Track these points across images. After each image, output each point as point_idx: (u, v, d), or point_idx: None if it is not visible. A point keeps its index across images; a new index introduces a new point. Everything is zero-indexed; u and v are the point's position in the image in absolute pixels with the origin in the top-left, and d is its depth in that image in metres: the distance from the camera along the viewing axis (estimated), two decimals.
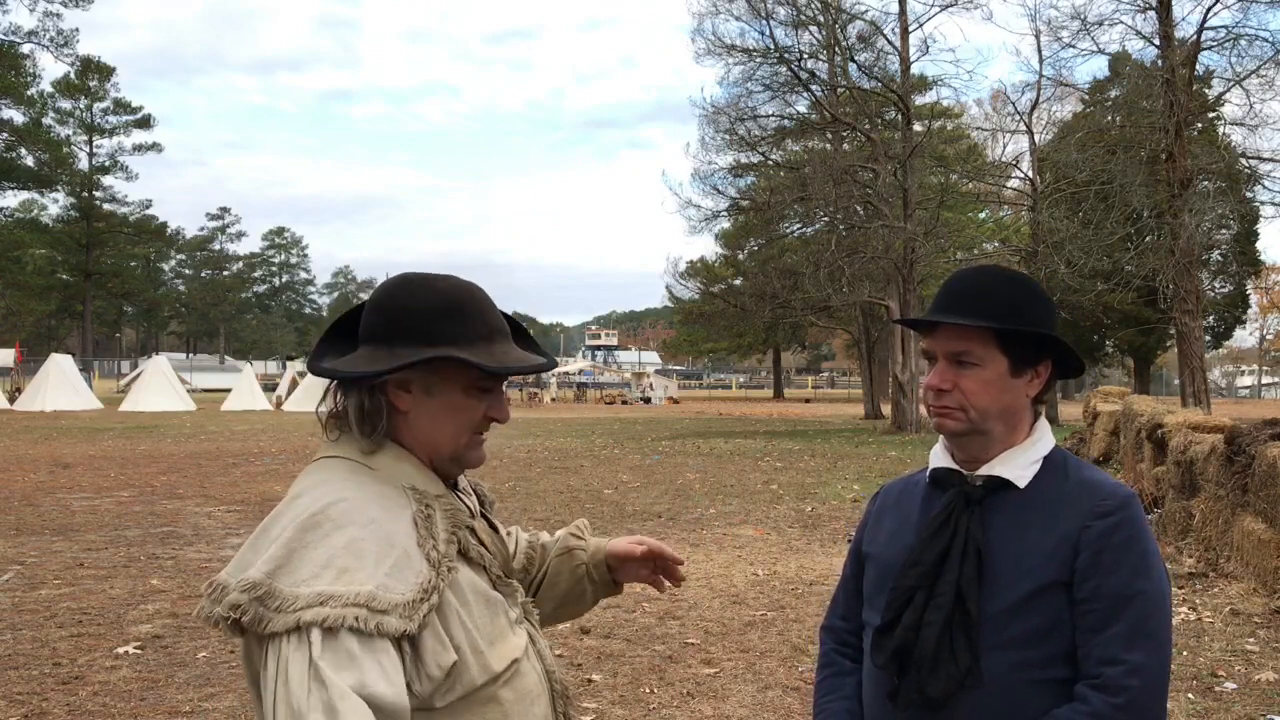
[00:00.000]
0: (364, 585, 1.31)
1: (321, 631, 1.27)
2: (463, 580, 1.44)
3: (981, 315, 1.66)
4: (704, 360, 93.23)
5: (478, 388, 1.51)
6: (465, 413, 1.51)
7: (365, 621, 1.29)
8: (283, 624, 1.28)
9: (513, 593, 1.58)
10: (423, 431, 1.51)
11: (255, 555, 1.35)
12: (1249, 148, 25.53)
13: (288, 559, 1.32)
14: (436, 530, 1.44)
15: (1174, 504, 9.27)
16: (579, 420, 34.31)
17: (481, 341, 1.49)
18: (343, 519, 1.37)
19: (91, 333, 70.31)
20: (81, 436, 23.48)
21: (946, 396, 1.69)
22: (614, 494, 13.26)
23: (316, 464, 1.50)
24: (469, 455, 1.55)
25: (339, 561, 1.32)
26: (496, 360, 1.48)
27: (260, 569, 1.32)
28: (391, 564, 1.35)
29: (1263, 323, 78.48)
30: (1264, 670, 5.47)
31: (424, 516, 1.44)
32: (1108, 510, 1.61)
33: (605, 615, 6.68)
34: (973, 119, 44.73)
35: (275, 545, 1.34)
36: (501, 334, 1.54)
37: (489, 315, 1.53)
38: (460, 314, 1.50)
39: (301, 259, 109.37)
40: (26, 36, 51.23)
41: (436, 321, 1.48)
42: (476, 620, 1.44)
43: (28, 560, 8.48)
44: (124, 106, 65.13)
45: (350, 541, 1.35)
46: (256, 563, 1.33)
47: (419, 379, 1.49)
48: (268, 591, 1.30)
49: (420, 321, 1.48)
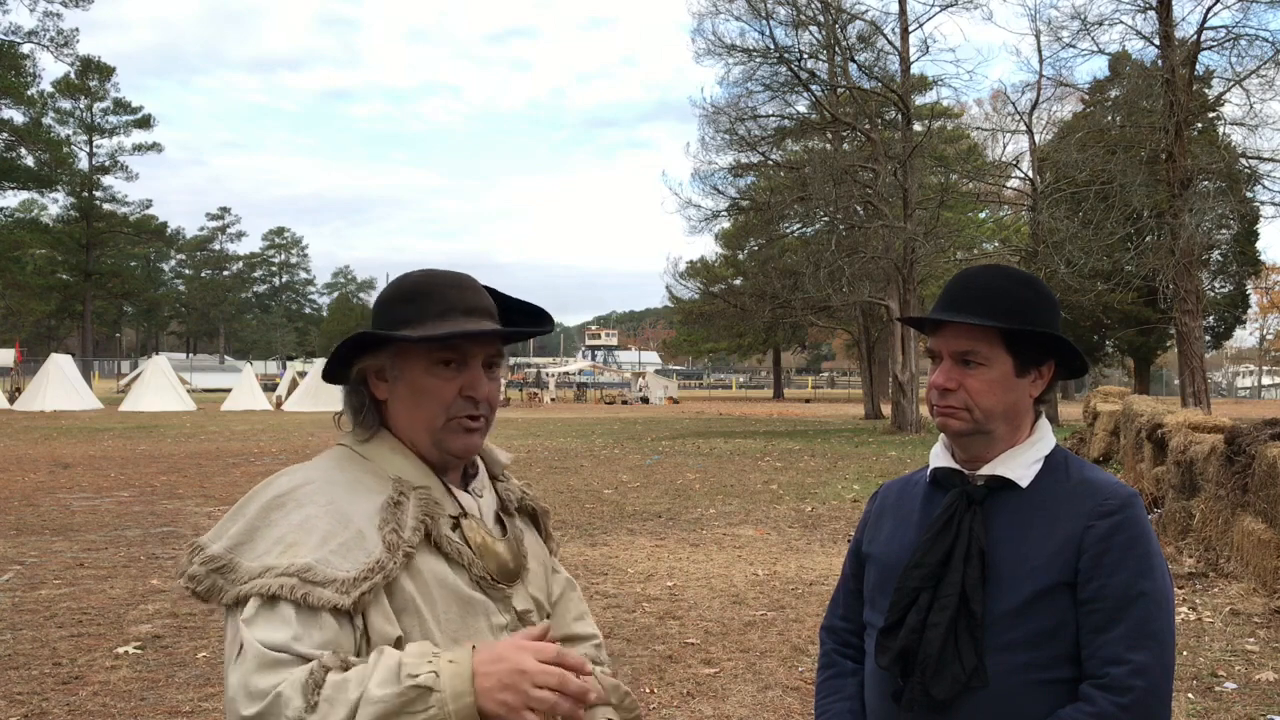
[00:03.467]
0: (302, 558, 1.35)
1: (259, 600, 1.33)
2: (425, 570, 1.43)
3: (988, 315, 1.66)
4: (704, 360, 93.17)
5: (441, 362, 1.49)
6: (432, 393, 1.50)
7: (294, 590, 1.32)
8: (231, 595, 1.35)
9: (504, 599, 1.52)
10: (402, 418, 1.53)
11: (228, 525, 1.43)
12: (1249, 148, 25.54)
13: (249, 536, 1.39)
14: (404, 517, 1.44)
15: (1174, 504, 9.27)
16: (579, 420, 34.29)
17: (434, 319, 1.48)
18: (304, 499, 1.42)
19: (91, 333, 70.28)
20: (81, 436, 23.47)
21: (951, 396, 1.69)
22: (614, 494, 13.26)
23: (326, 450, 1.57)
24: (449, 441, 1.52)
25: (289, 538, 1.38)
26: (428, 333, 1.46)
27: (223, 544, 1.40)
28: (340, 543, 1.38)
29: (1263, 323, 78.53)
30: (1264, 670, 5.47)
31: (393, 503, 1.45)
32: (1110, 510, 1.61)
33: (605, 615, 6.68)
34: (973, 119, 44.78)
35: (242, 521, 1.41)
36: (468, 310, 1.51)
37: (456, 296, 1.51)
38: (418, 298, 1.50)
39: (301, 259, 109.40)
40: (26, 36, 51.22)
41: (395, 308, 1.51)
42: (439, 613, 1.43)
43: (28, 560, 8.47)
44: (124, 106, 65.09)
45: (305, 519, 1.40)
46: (222, 537, 1.41)
47: (388, 366, 1.52)
48: (227, 565, 1.37)
49: (383, 311, 1.53)
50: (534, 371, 61.22)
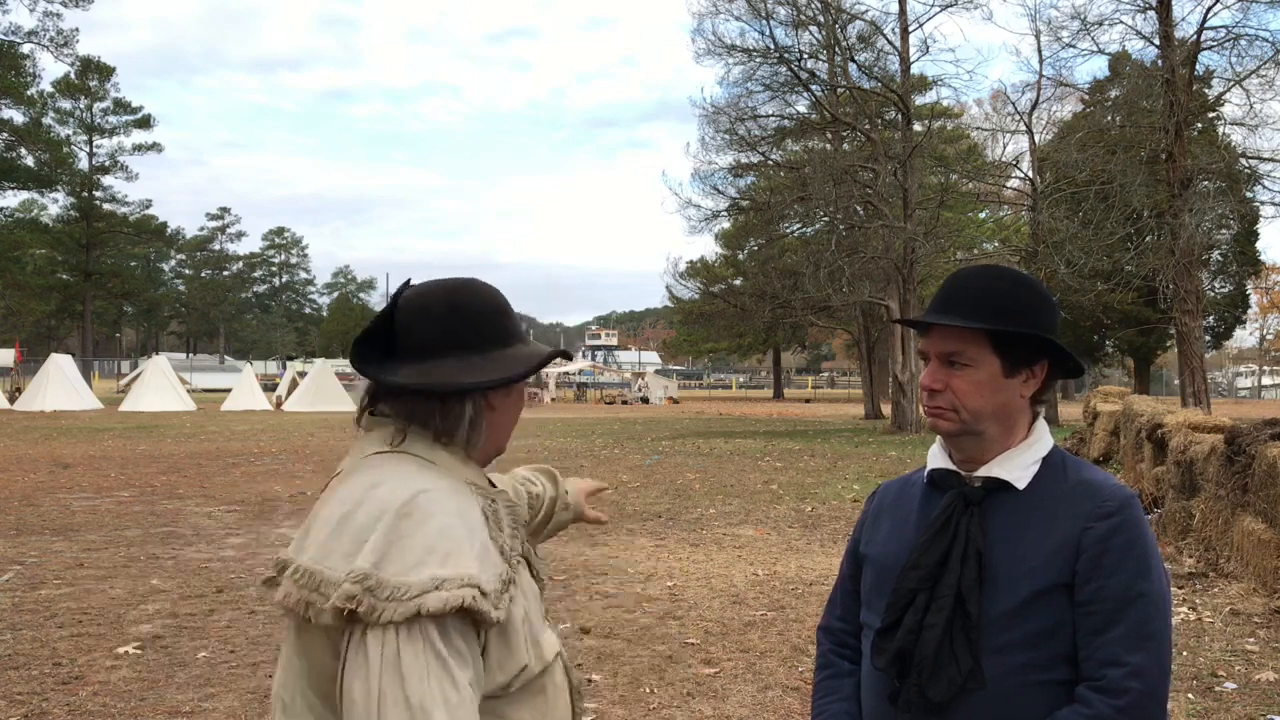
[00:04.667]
0: (469, 568, 1.32)
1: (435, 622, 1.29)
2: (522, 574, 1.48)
3: (975, 316, 1.65)
4: (704, 360, 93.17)
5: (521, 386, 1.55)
6: (516, 414, 1.57)
7: (478, 601, 1.31)
8: (401, 612, 1.28)
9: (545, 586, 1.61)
10: (498, 431, 1.54)
11: (341, 544, 1.35)
12: (1249, 148, 25.55)
13: (388, 548, 1.32)
14: (503, 524, 1.46)
15: (1174, 504, 9.27)
16: (579, 420, 34.30)
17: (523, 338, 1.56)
18: (431, 507, 1.36)
19: (91, 333, 70.28)
20: (81, 436, 23.47)
21: (939, 397, 1.69)
22: (614, 494, 13.25)
23: (376, 458, 1.45)
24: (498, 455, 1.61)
25: (441, 546, 1.33)
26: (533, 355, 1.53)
27: (366, 559, 1.31)
28: (478, 550, 1.37)
29: (1263, 323, 78.51)
30: (1264, 670, 5.47)
31: (491, 510, 1.46)
32: (1109, 511, 1.60)
33: (605, 615, 6.68)
34: (973, 119, 44.78)
35: (375, 535, 1.33)
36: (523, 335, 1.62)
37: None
38: (512, 314, 1.56)
39: (301, 259, 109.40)
40: (26, 36, 51.25)
41: (507, 322, 1.53)
42: (531, 613, 1.47)
43: (28, 560, 8.47)
44: (124, 106, 65.10)
45: (443, 528, 1.35)
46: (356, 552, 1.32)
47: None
48: (377, 582, 1.29)
49: (495, 324, 1.51)
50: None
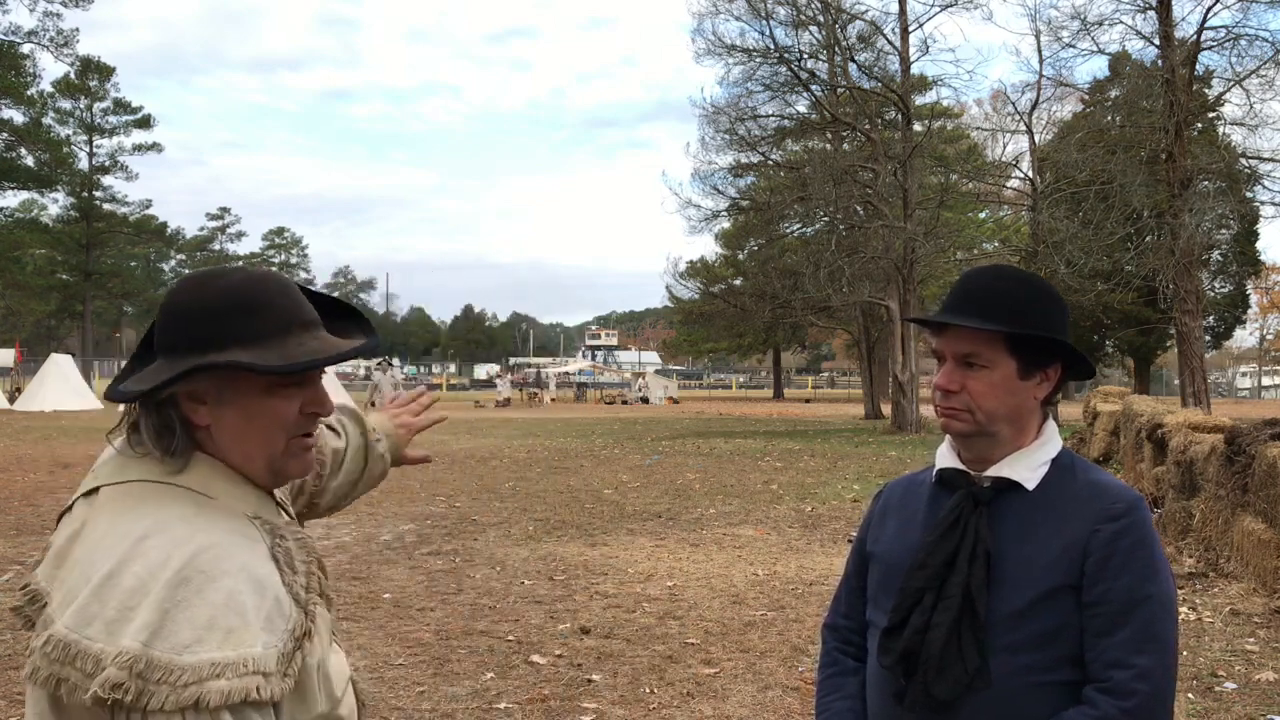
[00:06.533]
0: (253, 647, 1.19)
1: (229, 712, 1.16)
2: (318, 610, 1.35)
3: (991, 318, 1.65)
4: (704, 360, 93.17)
5: (283, 384, 1.35)
6: (271, 416, 1.35)
7: (262, 690, 1.18)
8: (174, 701, 1.13)
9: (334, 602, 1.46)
10: (229, 445, 1.35)
11: (105, 609, 1.17)
12: (1249, 148, 25.53)
13: (162, 622, 1.16)
14: (295, 562, 1.32)
15: (1174, 504, 9.27)
16: (579, 420, 34.29)
17: (275, 336, 1.32)
18: (213, 569, 1.21)
19: (91, 333, 70.30)
20: (81, 436, 23.48)
21: (954, 398, 1.68)
22: (614, 494, 13.25)
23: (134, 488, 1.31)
24: (289, 465, 1.39)
25: (223, 621, 1.18)
26: (288, 356, 1.31)
27: (135, 636, 1.15)
28: (265, 616, 1.22)
29: (1263, 323, 78.52)
30: (1264, 670, 5.47)
31: (282, 550, 1.32)
32: (1117, 514, 1.61)
33: (605, 615, 6.68)
34: (973, 119, 44.78)
35: (146, 605, 1.16)
36: (304, 324, 1.37)
37: (288, 305, 1.36)
38: (250, 309, 1.32)
39: (301, 259, 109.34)
40: (26, 36, 51.18)
41: (223, 321, 1.31)
42: (324, 650, 1.35)
43: (28, 560, 8.47)
44: (124, 106, 65.06)
45: (229, 596, 1.20)
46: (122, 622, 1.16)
47: (212, 388, 1.32)
48: (148, 663, 1.14)
49: (205, 324, 1.31)
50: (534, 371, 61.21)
